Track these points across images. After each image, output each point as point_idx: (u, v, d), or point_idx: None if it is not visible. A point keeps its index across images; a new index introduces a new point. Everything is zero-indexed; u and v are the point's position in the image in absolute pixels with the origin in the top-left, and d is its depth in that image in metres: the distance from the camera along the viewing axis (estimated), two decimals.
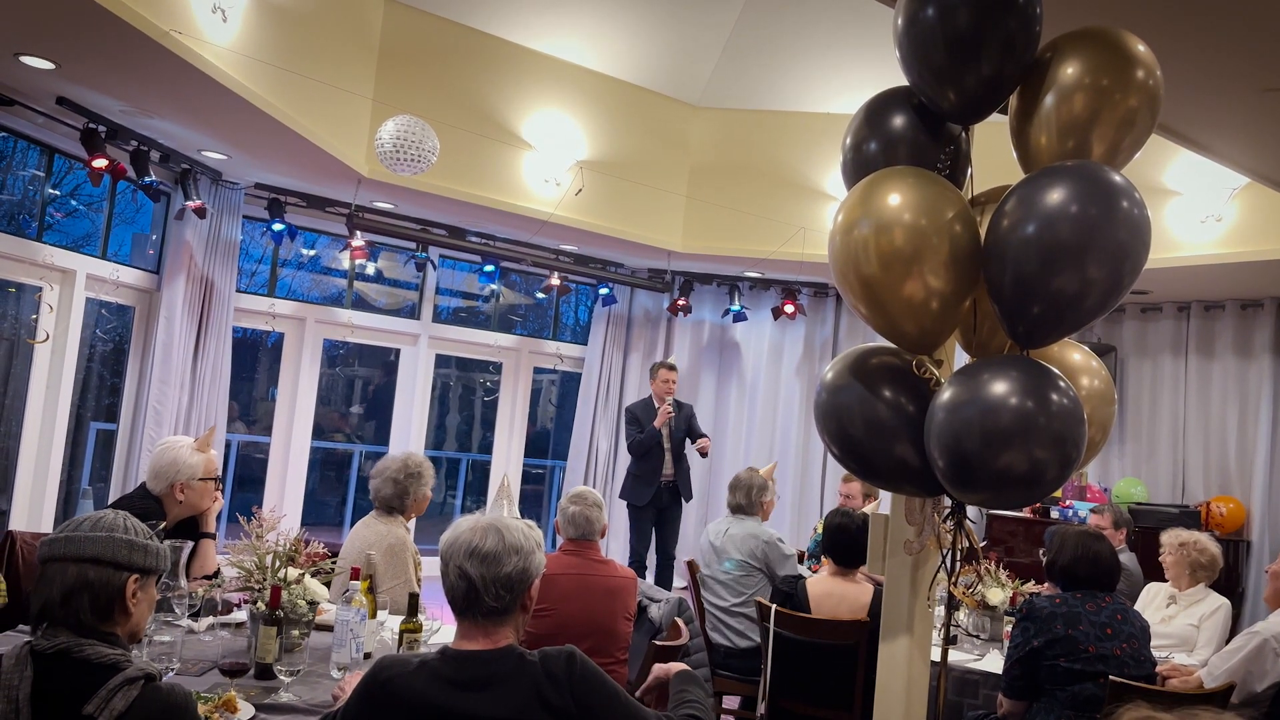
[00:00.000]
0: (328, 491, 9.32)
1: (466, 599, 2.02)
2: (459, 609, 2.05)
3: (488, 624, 2.03)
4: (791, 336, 9.23)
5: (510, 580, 2.03)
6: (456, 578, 2.03)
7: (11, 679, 1.86)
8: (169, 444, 3.43)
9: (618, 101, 7.79)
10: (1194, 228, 6.66)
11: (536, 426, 9.77)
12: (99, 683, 1.87)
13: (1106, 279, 2.16)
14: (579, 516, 3.61)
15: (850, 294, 2.42)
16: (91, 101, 5.48)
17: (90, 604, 1.94)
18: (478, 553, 2.03)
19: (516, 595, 2.05)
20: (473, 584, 2.01)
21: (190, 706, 1.95)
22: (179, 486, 3.37)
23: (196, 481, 3.42)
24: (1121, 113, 2.31)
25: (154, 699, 1.89)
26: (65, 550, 1.96)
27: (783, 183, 7.98)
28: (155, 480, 3.39)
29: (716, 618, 4.62)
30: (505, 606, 2.03)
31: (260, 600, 2.86)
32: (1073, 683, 3.20)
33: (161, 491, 3.38)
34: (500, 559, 2.03)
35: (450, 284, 9.16)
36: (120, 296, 6.71)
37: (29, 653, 1.90)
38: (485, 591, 2.01)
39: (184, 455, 3.40)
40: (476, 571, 2.01)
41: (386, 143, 5.60)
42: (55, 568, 1.94)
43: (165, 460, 3.38)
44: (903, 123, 2.54)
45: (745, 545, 4.60)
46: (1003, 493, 2.21)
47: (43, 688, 1.86)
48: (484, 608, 2.02)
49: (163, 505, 3.37)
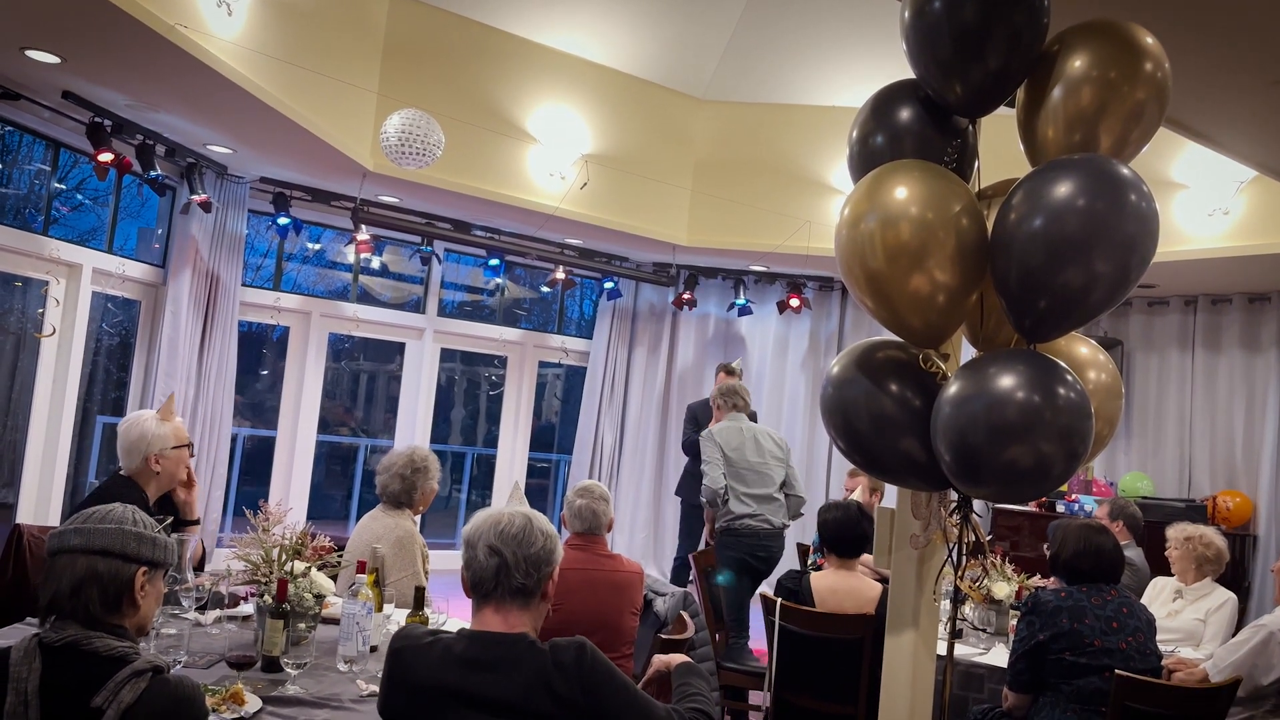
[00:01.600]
0: (333, 485, 9.34)
1: (496, 576, 2.04)
2: (485, 590, 2.06)
3: (511, 606, 2.05)
4: (796, 331, 9.22)
5: (538, 559, 2.06)
6: (486, 556, 2.05)
7: (20, 671, 1.86)
8: (132, 419, 3.41)
9: (623, 95, 7.78)
10: (1201, 221, 6.64)
11: (541, 421, 9.78)
12: (107, 675, 1.87)
13: (1114, 272, 2.16)
14: (586, 510, 3.61)
15: (856, 288, 2.41)
16: (97, 96, 5.49)
17: (99, 595, 1.94)
18: (506, 532, 2.06)
19: (543, 576, 2.08)
20: (504, 560, 2.04)
21: (198, 698, 1.96)
22: (153, 458, 3.35)
23: (170, 450, 3.40)
24: (1129, 106, 2.30)
25: (162, 691, 1.90)
26: (75, 542, 1.96)
27: (788, 176, 7.96)
28: (128, 458, 3.35)
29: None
30: (532, 586, 2.06)
31: (267, 593, 2.86)
32: (1078, 676, 3.20)
33: (137, 468, 3.35)
34: (530, 537, 2.07)
35: (455, 278, 9.16)
36: (126, 290, 6.72)
37: (37, 645, 1.90)
38: (515, 568, 2.04)
39: (151, 427, 3.38)
40: (507, 548, 2.04)
41: (391, 137, 5.60)
42: (65, 559, 1.95)
43: (134, 435, 3.35)
44: (909, 116, 2.53)
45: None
46: (1009, 487, 2.21)
47: (51, 680, 1.87)
48: (513, 585, 2.04)
49: (141, 486, 3.36)
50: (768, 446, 5.40)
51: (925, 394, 2.40)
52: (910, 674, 2.75)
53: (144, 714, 1.86)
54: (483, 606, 2.08)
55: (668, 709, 2.06)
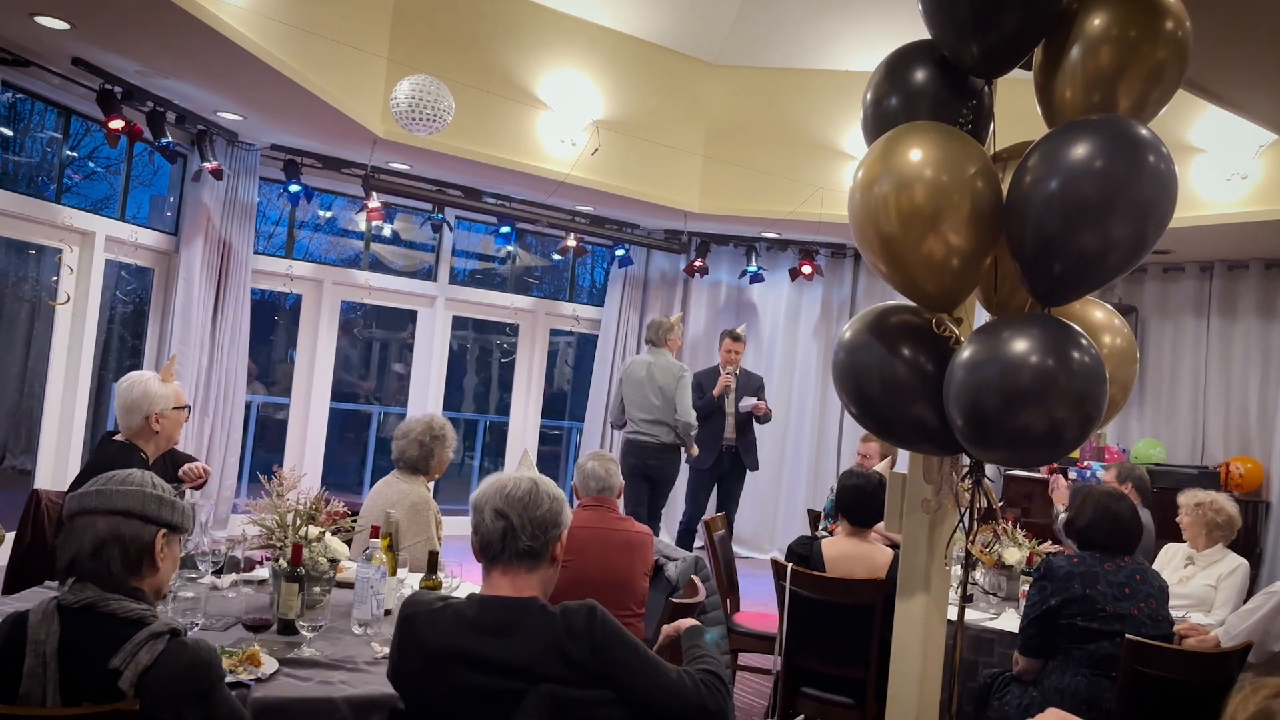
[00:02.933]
0: (347, 452, 9.40)
1: (503, 539, 2.06)
2: (492, 553, 2.08)
3: (519, 569, 2.06)
4: (809, 297, 9.19)
5: (544, 521, 2.07)
6: (493, 519, 2.06)
7: (39, 633, 1.89)
8: (133, 379, 3.41)
9: (634, 60, 7.70)
10: (1218, 186, 6.56)
11: (553, 388, 9.79)
12: (125, 637, 1.89)
13: (1131, 236, 2.13)
14: (599, 471, 3.64)
15: (870, 252, 2.40)
16: (107, 62, 5.47)
17: (120, 556, 1.96)
18: (513, 495, 2.07)
19: (550, 539, 2.09)
20: (510, 524, 2.05)
21: (215, 661, 1.98)
22: (154, 418, 3.36)
23: (170, 410, 3.42)
24: (1150, 65, 2.26)
25: (179, 653, 1.92)
26: (96, 503, 1.98)
27: (801, 142, 7.89)
28: (129, 415, 3.35)
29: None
30: (539, 549, 2.07)
31: (282, 558, 2.89)
32: (1089, 641, 3.21)
33: (136, 427, 3.35)
34: (536, 500, 2.08)
35: (466, 246, 9.15)
36: (139, 258, 6.74)
37: (55, 608, 1.92)
38: (521, 530, 2.05)
39: (154, 386, 3.39)
40: (513, 511, 2.05)
41: (402, 102, 5.56)
42: (85, 520, 1.97)
43: (137, 394, 3.36)
44: (924, 77, 2.50)
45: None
46: (1022, 451, 2.20)
47: (69, 642, 1.89)
48: (519, 548, 2.05)
49: (139, 448, 3.37)
50: (659, 380, 6.60)
51: (938, 359, 2.39)
52: (921, 638, 2.76)
53: (161, 676, 1.88)
54: (491, 570, 2.09)
55: (678, 670, 2.08)
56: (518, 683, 1.94)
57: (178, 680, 1.90)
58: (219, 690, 1.98)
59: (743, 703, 4.78)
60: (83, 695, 1.87)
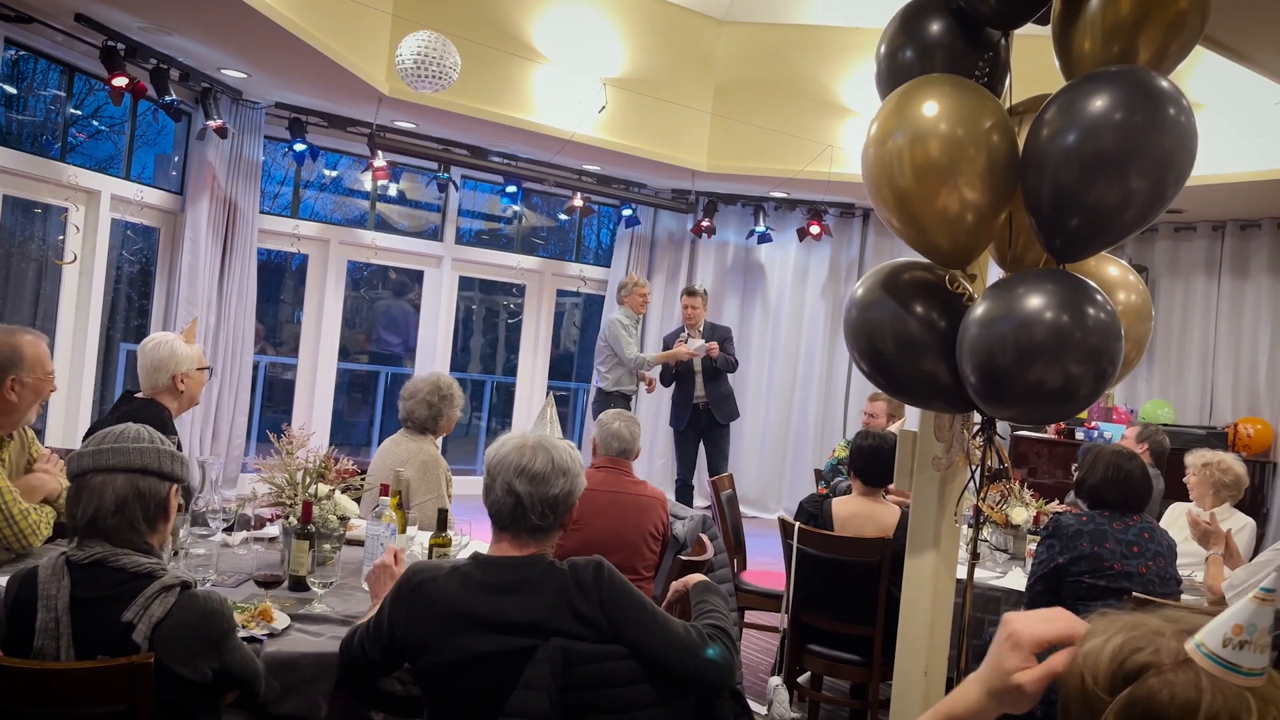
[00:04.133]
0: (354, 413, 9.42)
1: (512, 515, 2.06)
2: (502, 524, 2.09)
3: (529, 540, 2.08)
4: (817, 258, 9.14)
5: (556, 501, 2.08)
6: (504, 493, 2.06)
7: (49, 589, 1.90)
8: (158, 339, 3.43)
9: (642, 16, 7.60)
10: (1233, 144, 6.47)
11: (560, 349, 9.78)
12: (136, 590, 1.91)
13: (1149, 189, 2.10)
14: (623, 432, 3.65)
15: (884, 207, 2.37)
16: (110, 18, 5.41)
17: (142, 512, 1.98)
18: (526, 471, 2.06)
19: (560, 515, 2.10)
20: (520, 501, 2.05)
21: (226, 612, 2.00)
22: (179, 378, 3.38)
23: (194, 371, 3.45)
24: (1171, 15, 2.20)
25: (190, 605, 1.93)
26: (113, 461, 1.98)
27: (810, 100, 7.80)
28: (155, 374, 3.36)
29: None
30: (548, 525, 2.09)
31: (292, 515, 2.90)
32: (1097, 599, 3.22)
33: (163, 386, 3.36)
34: (549, 480, 2.07)
35: (472, 206, 9.10)
36: (145, 218, 6.71)
37: (64, 563, 1.94)
38: (531, 509, 2.05)
39: (179, 347, 3.41)
40: (525, 489, 2.05)
41: (407, 59, 5.50)
42: (101, 478, 1.97)
43: (163, 354, 3.38)
44: (940, 29, 2.45)
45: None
46: (1035, 408, 2.19)
47: (80, 596, 1.91)
48: (528, 525, 2.06)
49: (164, 405, 3.39)
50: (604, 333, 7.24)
51: (951, 315, 2.37)
52: (931, 595, 2.77)
53: (174, 627, 1.90)
54: (500, 536, 2.10)
55: (686, 625, 2.09)
56: (530, 640, 1.95)
57: (191, 630, 1.92)
58: (231, 639, 2.01)
59: (749, 659, 4.82)
60: (96, 649, 1.89)
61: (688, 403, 7.17)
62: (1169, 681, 0.92)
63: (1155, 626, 0.98)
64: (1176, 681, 0.92)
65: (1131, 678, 0.95)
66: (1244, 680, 0.91)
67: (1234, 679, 0.91)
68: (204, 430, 6.82)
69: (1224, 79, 6.28)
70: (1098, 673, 0.97)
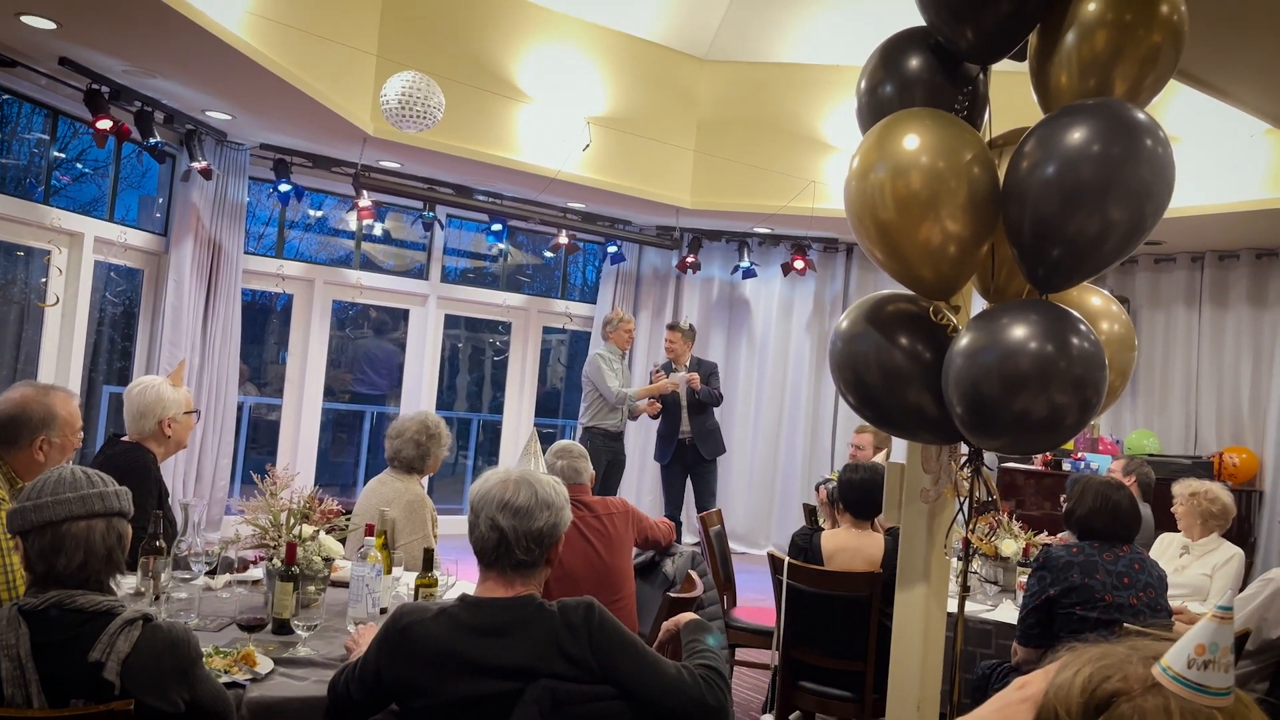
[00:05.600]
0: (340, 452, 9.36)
1: (496, 551, 2.04)
2: (487, 560, 2.06)
3: (515, 576, 2.05)
4: (801, 292, 9.18)
5: (541, 535, 2.05)
6: (488, 529, 2.04)
7: (7, 639, 1.87)
8: (145, 384, 3.42)
9: (625, 56, 7.68)
10: (1210, 176, 6.56)
11: (546, 386, 9.76)
12: (98, 629, 1.88)
13: (1128, 220, 2.12)
14: (568, 469, 3.66)
15: (866, 239, 2.38)
16: (94, 61, 5.43)
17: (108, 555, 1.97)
18: (510, 506, 2.04)
19: (545, 550, 2.07)
20: (504, 536, 2.02)
21: (192, 640, 1.97)
22: (166, 422, 3.37)
23: (182, 415, 3.43)
24: (1145, 49, 2.25)
25: (155, 636, 1.91)
26: (78, 510, 1.96)
27: (792, 137, 7.88)
28: (142, 420, 3.35)
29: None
30: (534, 560, 2.05)
31: (276, 557, 2.86)
32: (1088, 631, 3.20)
33: (149, 431, 3.35)
34: (533, 513, 2.04)
35: (458, 244, 9.11)
36: (129, 259, 6.69)
37: (18, 612, 1.91)
38: (516, 544, 2.02)
39: (166, 391, 3.40)
40: (508, 524, 2.03)
41: (392, 100, 5.54)
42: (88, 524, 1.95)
43: (150, 398, 3.37)
44: (919, 63, 2.49)
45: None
46: (1022, 438, 2.19)
47: (41, 642, 1.87)
48: (513, 560, 2.03)
49: (151, 450, 3.37)
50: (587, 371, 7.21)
51: (936, 346, 2.38)
52: (922, 629, 2.75)
53: (142, 660, 1.87)
54: (486, 574, 2.08)
55: (677, 665, 2.06)
56: (520, 683, 1.92)
57: (160, 661, 1.89)
58: (199, 668, 1.99)
59: (740, 698, 4.77)
60: (67, 692, 1.86)
61: (672, 436, 7.16)
62: (1139, 707, 0.93)
63: (1122, 654, 0.99)
64: (1146, 707, 0.93)
65: (1103, 707, 0.95)
66: (1211, 700, 0.92)
67: (1201, 699, 0.92)
68: (187, 472, 6.76)
69: (1201, 112, 6.38)
70: (1070, 705, 0.98)
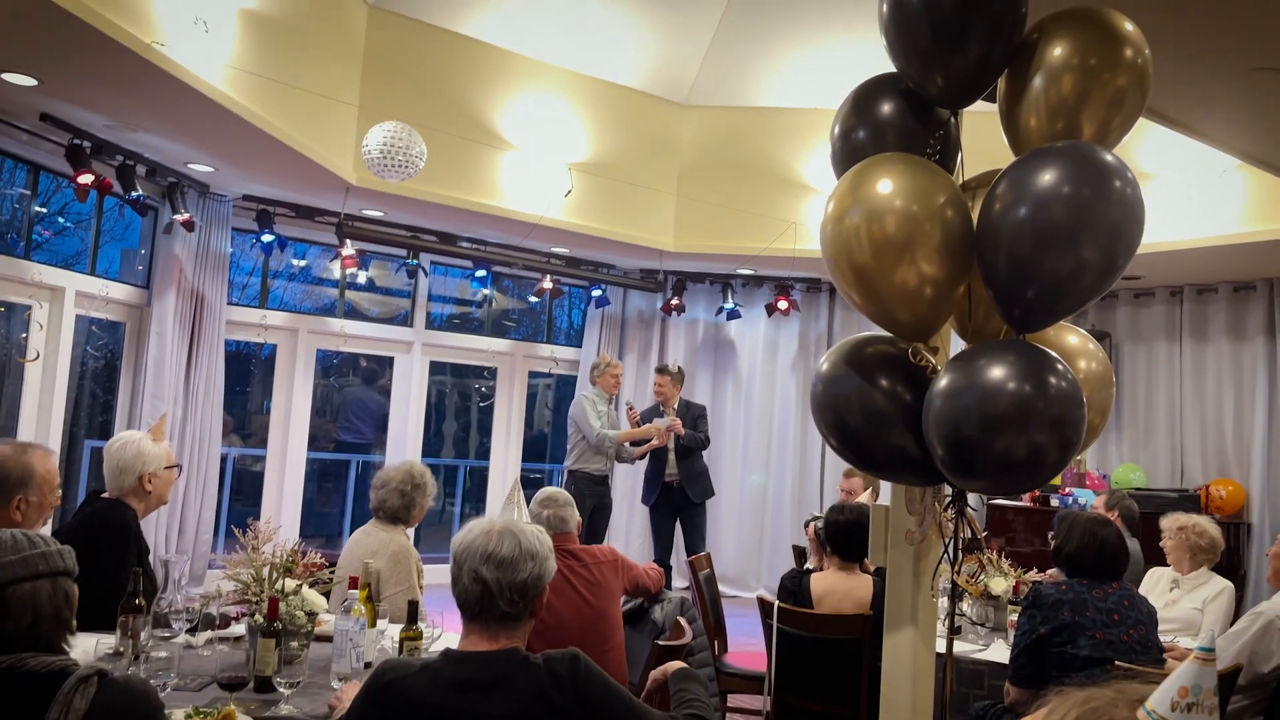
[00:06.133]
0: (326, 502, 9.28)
1: (480, 604, 2.01)
2: (470, 613, 2.03)
3: (499, 630, 2.02)
4: (786, 333, 9.22)
5: (525, 586, 2.02)
6: (471, 582, 2.01)
7: None
8: (125, 439, 3.40)
9: (605, 103, 7.77)
10: (1184, 211, 6.65)
11: (533, 431, 9.74)
12: (52, 690, 1.84)
13: (1101, 259, 2.14)
14: (554, 519, 3.63)
15: (843, 283, 2.40)
16: (75, 117, 5.45)
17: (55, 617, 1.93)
18: (494, 558, 2.01)
19: (529, 601, 2.04)
20: (487, 588, 1.99)
21: (152, 692, 1.93)
22: (147, 477, 3.34)
23: (163, 470, 3.40)
24: (1110, 92, 2.29)
25: (113, 691, 1.86)
26: (22, 573, 1.92)
27: (773, 179, 7.96)
28: (122, 476, 3.32)
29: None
30: (518, 612, 2.02)
31: (258, 613, 2.82)
32: (1080, 669, 3.18)
33: (130, 487, 3.32)
34: (516, 565, 2.02)
35: (442, 290, 9.13)
36: (110, 313, 6.67)
37: None
38: (500, 596, 1.99)
39: (147, 446, 3.37)
40: (492, 576, 2.00)
41: (373, 149, 5.57)
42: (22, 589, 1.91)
43: (130, 454, 3.34)
44: (891, 109, 2.52)
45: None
46: (1004, 478, 2.19)
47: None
48: (497, 613, 2.00)
49: (130, 507, 3.33)
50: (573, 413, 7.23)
51: (916, 388, 2.38)
52: (911, 671, 2.73)
53: (103, 716, 1.83)
54: (470, 627, 2.04)
55: (666, 716, 2.04)
56: None
57: (123, 716, 1.85)
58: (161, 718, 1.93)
59: None
60: None
61: (659, 479, 7.13)
62: None
63: (1108, 698, 0.99)
64: None
65: None
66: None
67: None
68: (170, 526, 6.69)
69: (1175, 148, 6.49)
70: None
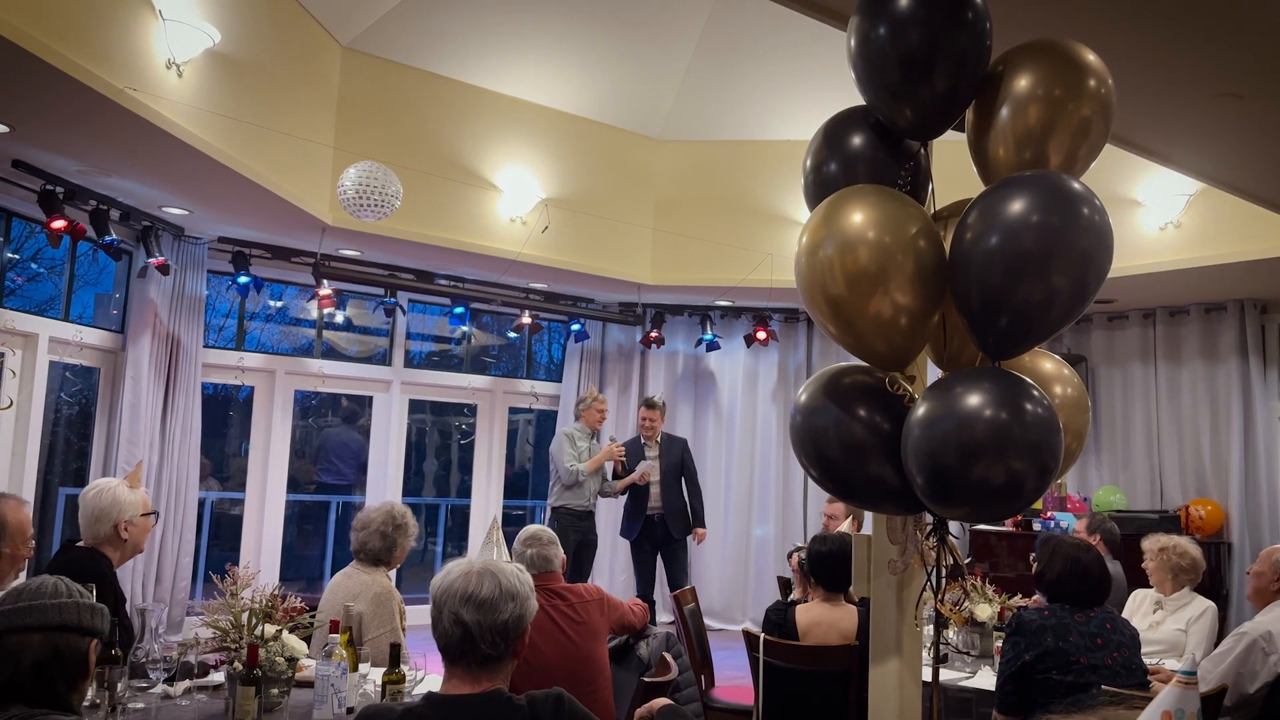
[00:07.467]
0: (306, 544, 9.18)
1: (461, 646, 1.98)
2: (451, 656, 2.01)
3: (481, 672, 1.99)
4: (765, 363, 9.24)
5: (506, 627, 2.00)
6: (451, 624, 1.99)
7: None
8: (100, 487, 3.36)
9: (580, 139, 7.82)
10: (1154, 235, 6.76)
11: (515, 467, 9.69)
12: None
13: (1072, 286, 2.17)
14: (538, 557, 3.61)
15: (819, 314, 2.41)
16: (48, 163, 5.43)
17: (62, 674, 1.88)
18: (474, 599, 1.99)
19: (511, 642, 2.02)
20: (468, 631, 1.97)
21: None
22: (123, 525, 3.30)
23: (139, 518, 3.36)
24: (1075, 122, 2.33)
25: None
26: (29, 620, 1.89)
27: (748, 211, 8.02)
28: (97, 524, 3.28)
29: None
30: (500, 654, 2.00)
31: (237, 660, 2.79)
32: (1066, 695, 3.18)
33: (105, 535, 3.28)
34: (497, 606, 1.99)
35: (421, 328, 9.11)
36: (85, 358, 6.62)
37: None
38: (481, 639, 1.97)
39: (123, 494, 3.34)
40: (472, 618, 1.97)
41: (349, 189, 5.58)
42: (18, 639, 1.88)
43: (105, 502, 3.30)
44: (861, 142, 2.55)
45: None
46: (983, 506, 2.20)
47: None
48: (478, 655, 1.98)
49: (106, 556, 3.29)
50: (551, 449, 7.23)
51: (894, 417, 2.39)
52: (897, 701, 2.72)
53: None
54: (451, 670, 2.02)
55: None
56: None
57: None
58: None
59: None
60: None
61: (640, 513, 7.11)
62: None
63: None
64: None
65: None
66: None
67: None
68: (147, 573, 6.59)
69: (1145, 173, 6.60)
70: None
